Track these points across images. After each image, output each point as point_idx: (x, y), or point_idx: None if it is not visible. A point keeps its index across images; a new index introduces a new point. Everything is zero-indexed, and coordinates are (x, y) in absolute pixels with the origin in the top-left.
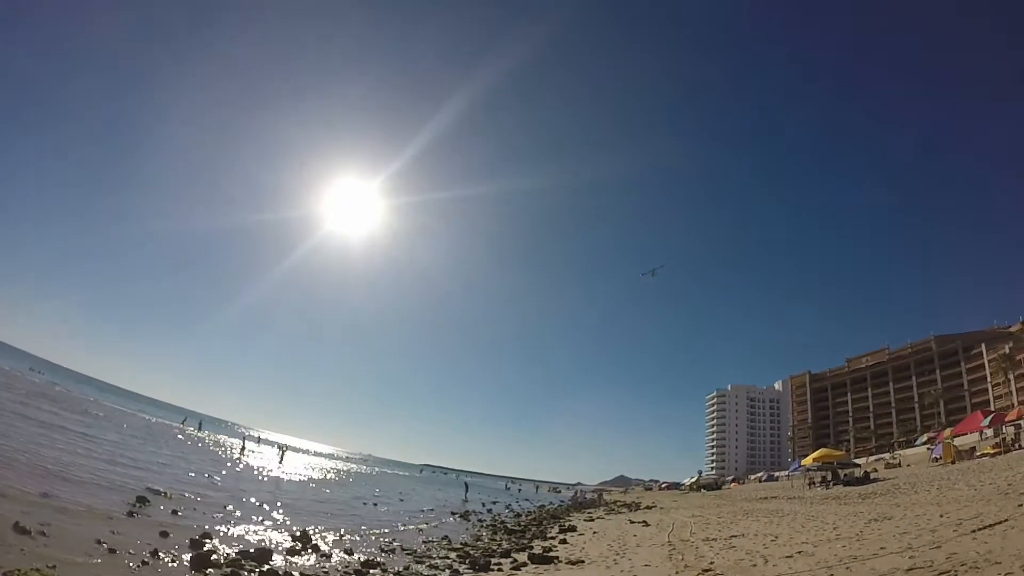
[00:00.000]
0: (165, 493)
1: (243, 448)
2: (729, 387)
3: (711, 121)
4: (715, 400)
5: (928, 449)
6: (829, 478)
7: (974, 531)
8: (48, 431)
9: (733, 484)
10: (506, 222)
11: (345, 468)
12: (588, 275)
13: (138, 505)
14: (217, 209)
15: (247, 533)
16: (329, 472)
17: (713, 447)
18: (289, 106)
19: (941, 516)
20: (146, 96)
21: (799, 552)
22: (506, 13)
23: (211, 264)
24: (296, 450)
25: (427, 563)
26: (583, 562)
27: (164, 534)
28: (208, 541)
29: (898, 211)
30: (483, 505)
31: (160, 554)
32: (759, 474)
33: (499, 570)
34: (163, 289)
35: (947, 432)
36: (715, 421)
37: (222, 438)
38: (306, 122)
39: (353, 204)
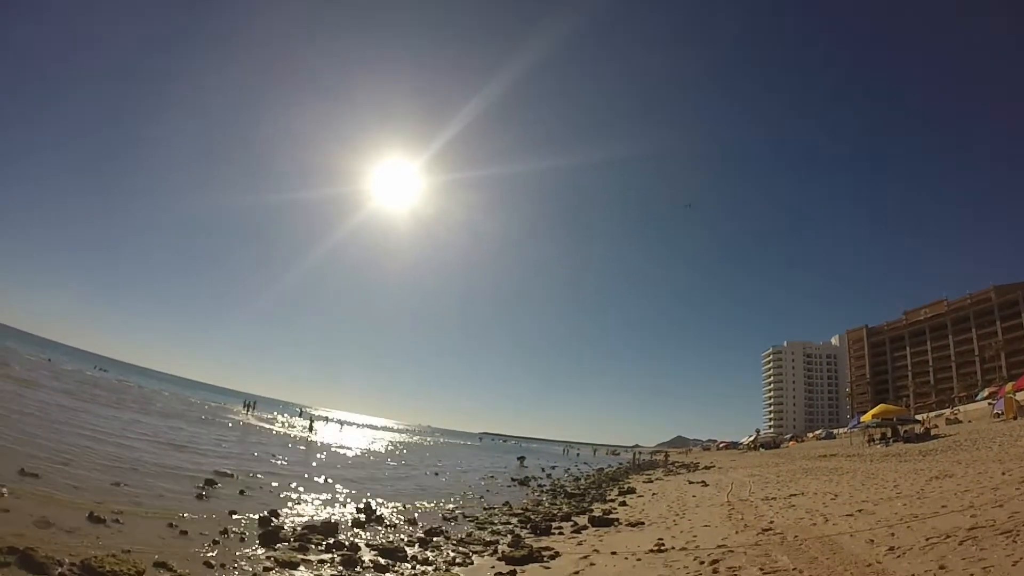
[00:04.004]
0: (232, 475)
1: (298, 425)
2: (785, 343)
3: (748, 94)
4: (771, 357)
5: (989, 404)
6: (889, 435)
7: None
8: (115, 423)
9: (791, 442)
10: (547, 197)
11: (404, 440)
12: (637, 240)
13: (206, 488)
14: (262, 186)
15: (313, 508)
16: (389, 445)
17: (770, 405)
18: (334, 85)
19: (1003, 474)
20: (186, 74)
21: (859, 511)
22: None
23: (257, 243)
24: (354, 425)
25: (489, 529)
26: (643, 524)
27: (233, 514)
28: (276, 518)
29: (951, 156)
30: (542, 470)
31: (230, 533)
32: (818, 431)
33: (560, 533)
34: (209, 270)
35: (1009, 387)
36: (772, 378)
37: (279, 417)
38: (352, 100)
39: (398, 182)
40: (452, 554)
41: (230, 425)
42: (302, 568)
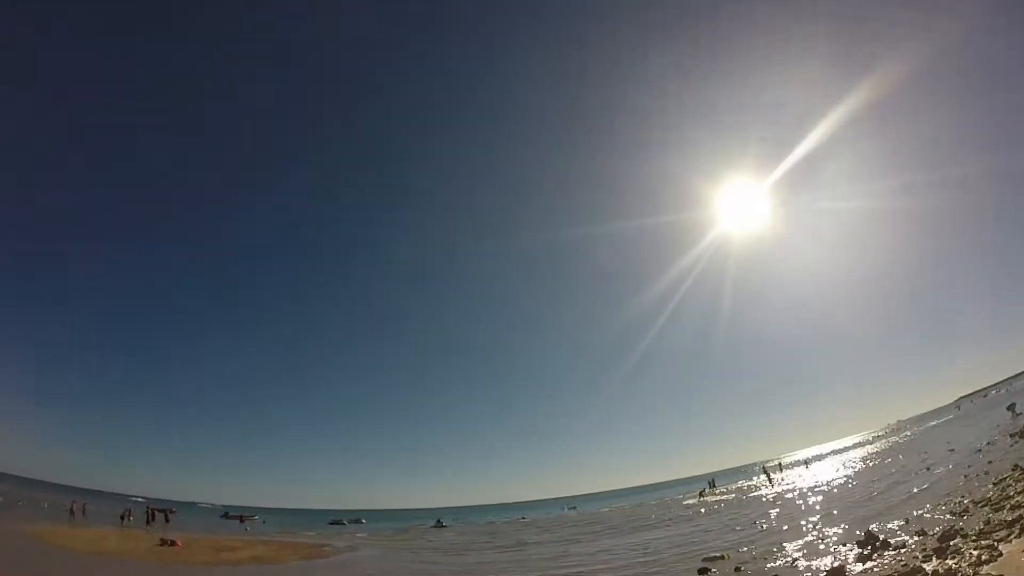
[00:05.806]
0: (721, 556)
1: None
2: None
3: None
4: None
5: None
6: None
7: None
8: (583, 556)
9: None
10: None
11: (877, 449)
12: None
13: None
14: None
15: (812, 558)
16: (863, 461)
17: None
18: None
19: None
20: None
21: None
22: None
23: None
24: (818, 457)
25: (1007, 505)
26: None
27: None
28: None
29: None
30: None
31: None
32: None
33: None
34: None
35: None
36: None
37: (738, 484)
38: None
39: (745, 205)
40: (975, 552)
41: (690, 511)
42: None
